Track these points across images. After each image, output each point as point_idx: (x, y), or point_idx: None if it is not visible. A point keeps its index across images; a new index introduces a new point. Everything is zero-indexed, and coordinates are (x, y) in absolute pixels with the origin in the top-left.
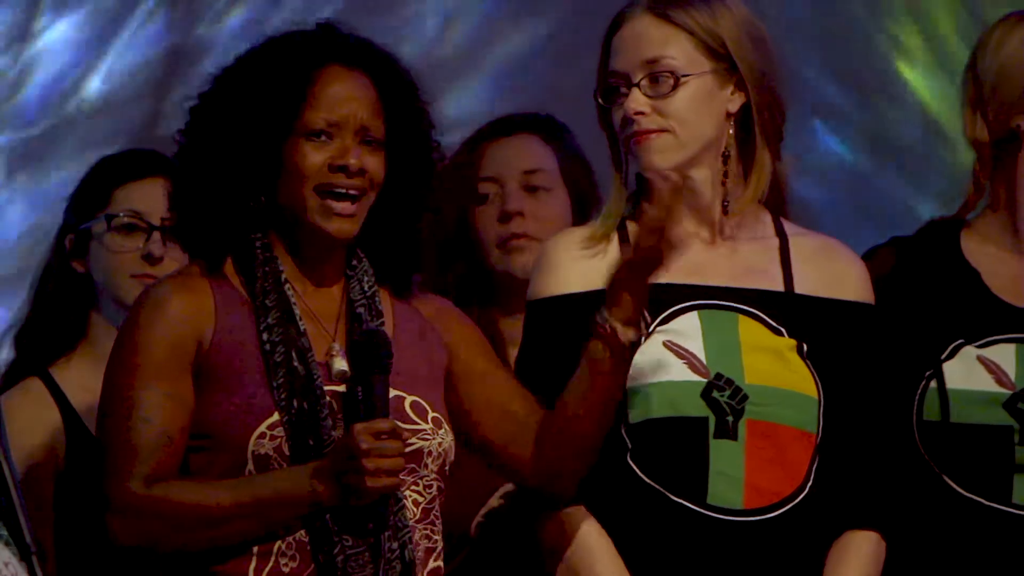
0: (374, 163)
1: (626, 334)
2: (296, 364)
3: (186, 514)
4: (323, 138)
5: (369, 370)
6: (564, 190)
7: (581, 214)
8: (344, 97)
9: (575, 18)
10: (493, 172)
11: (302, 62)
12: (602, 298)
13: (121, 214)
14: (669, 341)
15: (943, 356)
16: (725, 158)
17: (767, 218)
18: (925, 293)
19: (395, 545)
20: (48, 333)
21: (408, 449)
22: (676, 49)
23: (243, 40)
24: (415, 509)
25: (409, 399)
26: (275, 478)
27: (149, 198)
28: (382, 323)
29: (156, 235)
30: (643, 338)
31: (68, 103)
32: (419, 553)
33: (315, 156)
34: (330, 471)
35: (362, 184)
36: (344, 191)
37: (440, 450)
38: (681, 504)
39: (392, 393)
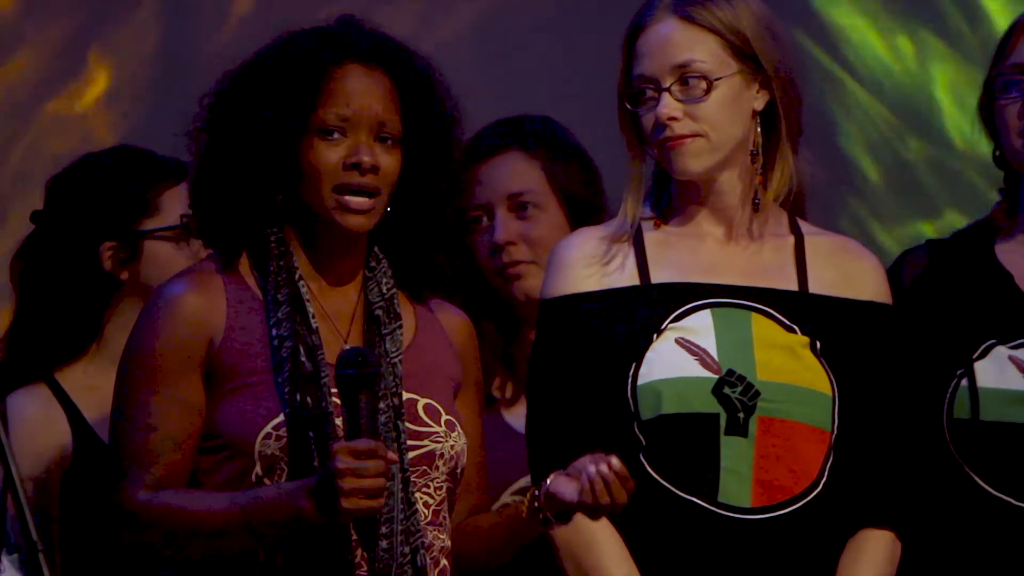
0: (388, 161)
1: (547, 523)
2: (303, 359)
3: (181, 526)
4: (336, 135)
5: (355, 388)
6: (556, 203)
7: (580, 222)
8: (358, 93)
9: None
10: (481, 199)
11: (317, 59)
12: (615, 296)
13: (186, 221)
14: (681, 338)
15: (975, 356)
16: (754, 156)
17: (783, 217)
18: (958, 294)
19: (407, 550)
20: (62, 336)
21: (420, 451)
22: (705, 52)
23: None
24: (426, 511)
25: (422, 402)
26: (265, 493)
27: None
28: (400, 326)
29: None
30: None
31: None
32: (432, 554)
33: (330, 154)
34: (315, 490)
35: (375, 182)
36: (358, 188)
37: (452, 453)
38: (692, 502)
39: (406, 396)
